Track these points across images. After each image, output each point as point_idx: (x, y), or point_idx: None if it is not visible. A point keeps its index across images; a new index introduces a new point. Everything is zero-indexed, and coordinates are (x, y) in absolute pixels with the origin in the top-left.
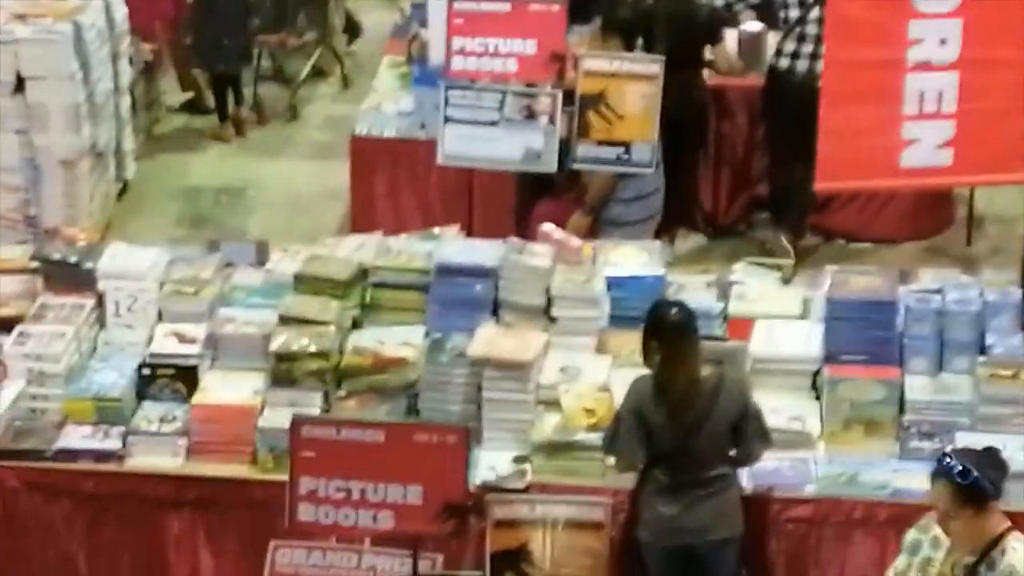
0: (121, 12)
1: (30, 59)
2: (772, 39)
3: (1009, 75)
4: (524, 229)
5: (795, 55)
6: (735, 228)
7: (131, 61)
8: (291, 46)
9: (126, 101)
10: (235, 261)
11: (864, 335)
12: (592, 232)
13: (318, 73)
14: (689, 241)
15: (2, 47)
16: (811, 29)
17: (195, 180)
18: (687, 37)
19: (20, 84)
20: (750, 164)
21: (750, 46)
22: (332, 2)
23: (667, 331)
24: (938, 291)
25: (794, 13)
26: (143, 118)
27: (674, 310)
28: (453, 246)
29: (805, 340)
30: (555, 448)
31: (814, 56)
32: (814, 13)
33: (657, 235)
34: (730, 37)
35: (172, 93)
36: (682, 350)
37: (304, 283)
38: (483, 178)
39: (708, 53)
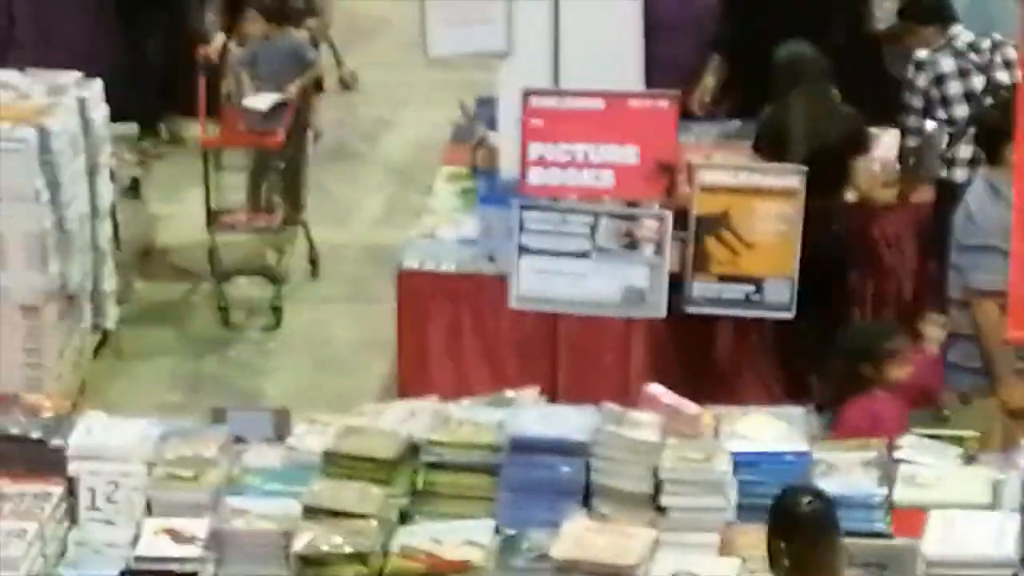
0: (100, 113)
1: None
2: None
3: None
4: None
5: (973, 162)
6: None
7: (113, 177)
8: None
9: (106, 228)
10: (247, 436)
11: None
12: None
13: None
14: None
15: None
16: None
17: (195, 330)
18: (827, 147)
19: None
20: (919, 307)
21: (920, 153)
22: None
23: (797, 528)
24: None
25: (960, 111)
26: (128, 250)
27: (806, 499)
28: (531, 415)
29: (996, 537)
30: None
31: None
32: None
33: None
34: (884, 143)
35: (165, 217)
36: (816, 554)
37: (337, 464)
38: (570, 325)
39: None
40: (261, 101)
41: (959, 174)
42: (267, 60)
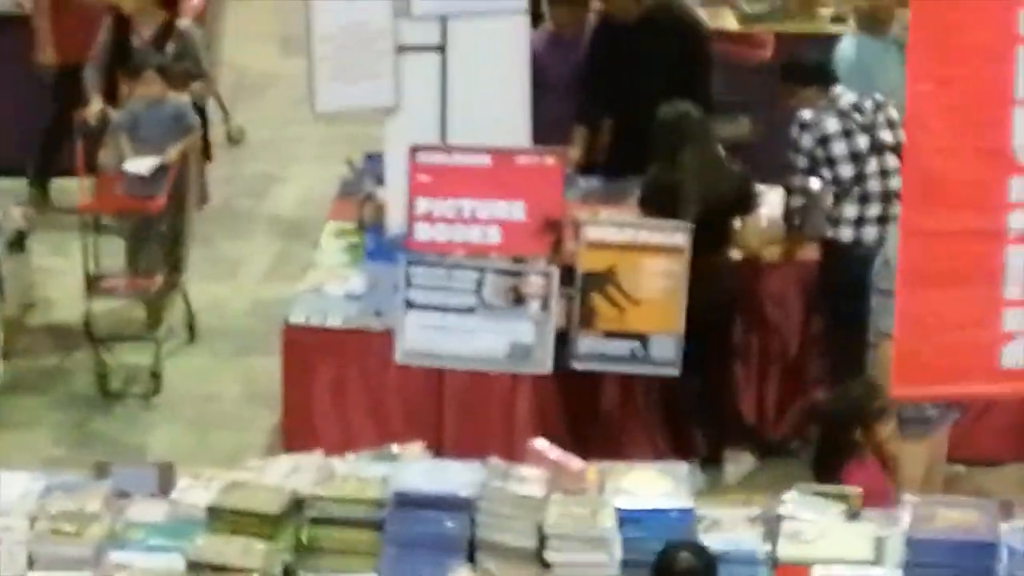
0: None
1: None
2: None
3: None
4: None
5: (859, 221)
6: (787, 445)
7: None
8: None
9: None
10: (131, 490)
11: None
12: None
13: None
14: (741, 465)
15: None
16: (874, 185)
17: (79, 385)
18: (716, 204)
19: None
20: (804, 364)
21: (806, 211)
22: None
23: None
24: None
25: (846, 171)
26: (12, 303)
27: (685, 556)
28: (416, 470)
29: None
30: None
31: (883, 220)
32: (872, 165)
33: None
34: (769, 202)
35: (49, 271)
36: None
37: (221, 519)
38: (456, 381)
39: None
40: (142, 165)
41: (844, 233)
42: (148, 124)
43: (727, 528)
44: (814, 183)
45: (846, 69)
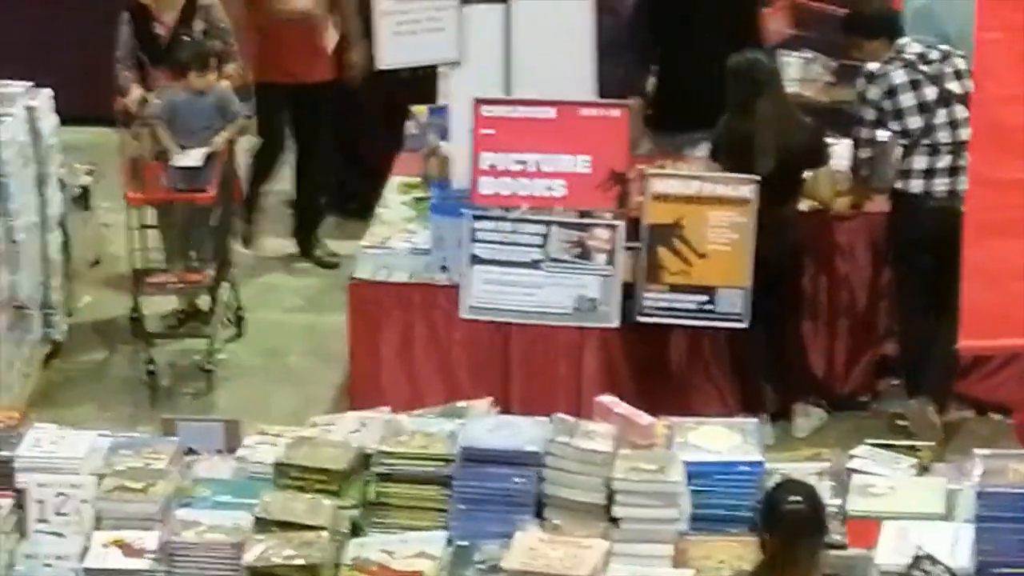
0: (49, 122)
1: None
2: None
3: None
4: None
5: (928, 173)
6: (856, 399)
7: (63, 186)
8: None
9: (56, 239)
10: (197, 447)
11: None
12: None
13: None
14: (810, 418)
15: None
16: (943, 136)
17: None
18: (788, 156)
19: None
20: (873, 317)
21: (875, 162)
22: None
23: (780, 523)
24: None
25: (915, 122)
26: (78, 261)
27: (793, 498)
28: (484, 425)
29: (951, 547)
30: None
31: (953, 171)
32: (940, 116)
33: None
34: (840, 152)
35: (114, 225)
36: (793, 551)
37: (288, 476)
38: (523, 336)
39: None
40: (191, 158)
41: (914, 185)
42: (188, 114)
43: None
44: (882, 135)
45: (917, 16)
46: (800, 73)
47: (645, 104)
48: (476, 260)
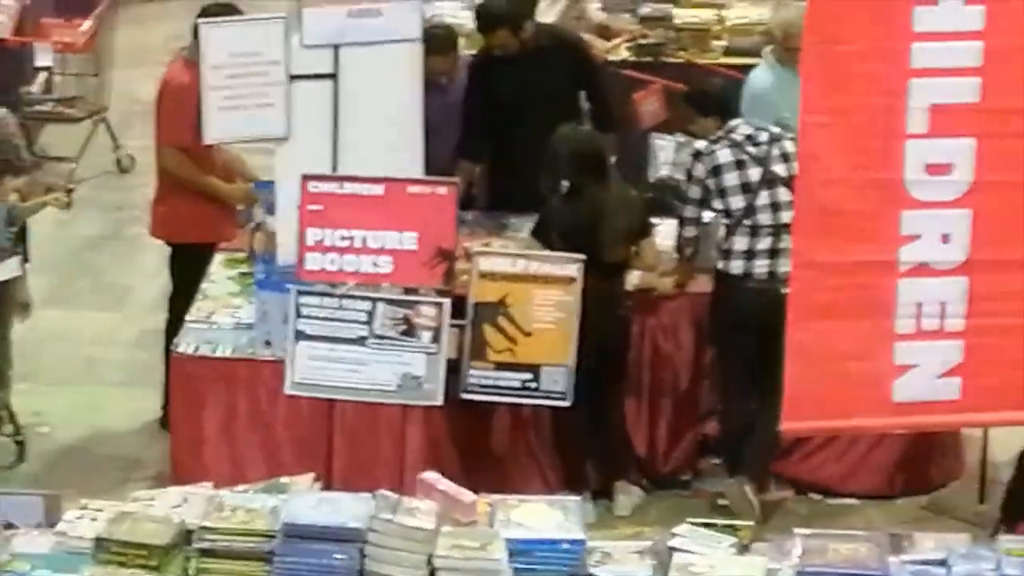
0: None
1: None
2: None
3: None
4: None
5: (749, 254)
6: (678, 478)
7: None
8: None
9: None
10: (16, 521)
11: None
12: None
13: None
14: (631, 497)
15: None
16: (764, 218)
17: None
18: (616, 232)
19: None
20: (696, 396)
21: (697, 243)
22: None
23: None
24: (942, 562)
25: (737, 202)
26: None
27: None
28: (306, 501)
29: None
30: None
31: (774, 254)
32: (763, 198)
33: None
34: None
35: None
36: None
37: (108, 551)
38: (346, 412)
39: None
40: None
41: (735, 265)
42: None
43: (618, 561)
44: (707, 215)
45: (754, 98)
46: (672, 157)
47: (472, 183)
48: (301, 336)
